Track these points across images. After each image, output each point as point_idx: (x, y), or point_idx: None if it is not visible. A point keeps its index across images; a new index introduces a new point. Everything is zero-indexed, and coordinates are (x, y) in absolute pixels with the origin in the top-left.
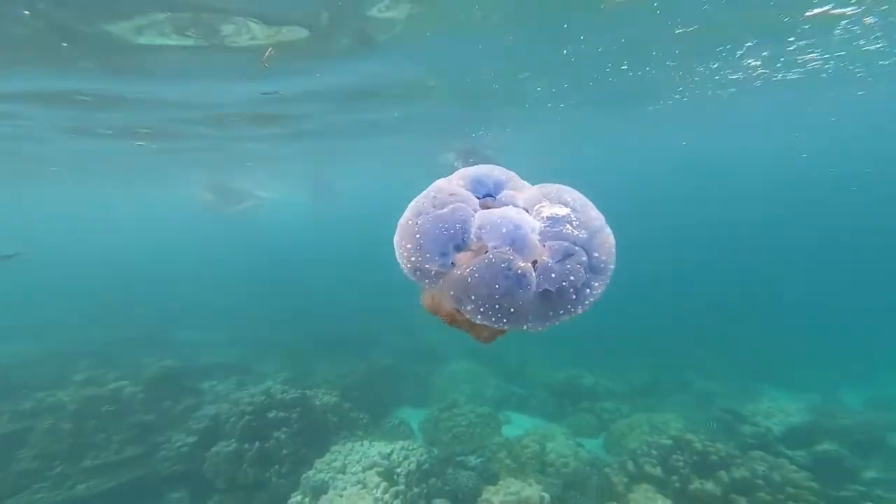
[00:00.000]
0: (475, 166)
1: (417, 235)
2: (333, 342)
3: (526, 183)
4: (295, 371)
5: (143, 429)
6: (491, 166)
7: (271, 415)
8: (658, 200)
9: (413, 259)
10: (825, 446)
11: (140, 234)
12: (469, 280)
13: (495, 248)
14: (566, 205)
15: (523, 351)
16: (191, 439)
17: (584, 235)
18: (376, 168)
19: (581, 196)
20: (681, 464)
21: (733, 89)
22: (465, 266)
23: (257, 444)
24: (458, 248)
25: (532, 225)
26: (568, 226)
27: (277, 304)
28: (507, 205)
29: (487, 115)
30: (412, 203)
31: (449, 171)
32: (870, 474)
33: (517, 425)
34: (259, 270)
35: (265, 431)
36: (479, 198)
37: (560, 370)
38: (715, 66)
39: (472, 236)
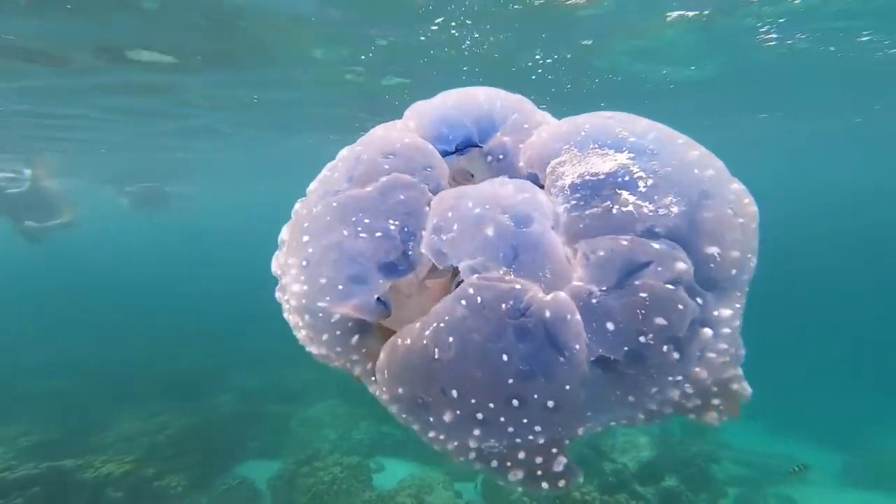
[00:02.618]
0: (441, 95)
1: (306, 239)
2: (148, 387)
3: (546, 115)
4: (60, 432)
5: None
6: (469, 90)
7: None
8: None
9: (296, 292)
10: (668, 482)
11: None
12: (436, 354)
13: (476, 269)
14: (617, 147)
15: None
16: None
17: (677, 209)
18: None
19: (651, 125)
20: None
21: None
22: (414, 324)
23: None
24: (398, 273)
25: (551, 212)
26: (624, 194)
27: (58, 341)
28: (500, 172)
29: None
30: (323, 171)
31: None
32: None
33: (391, 473)
34: (47, 295)
35: None
36: (450, 152)
37: None
38: None
39: (423, 247)
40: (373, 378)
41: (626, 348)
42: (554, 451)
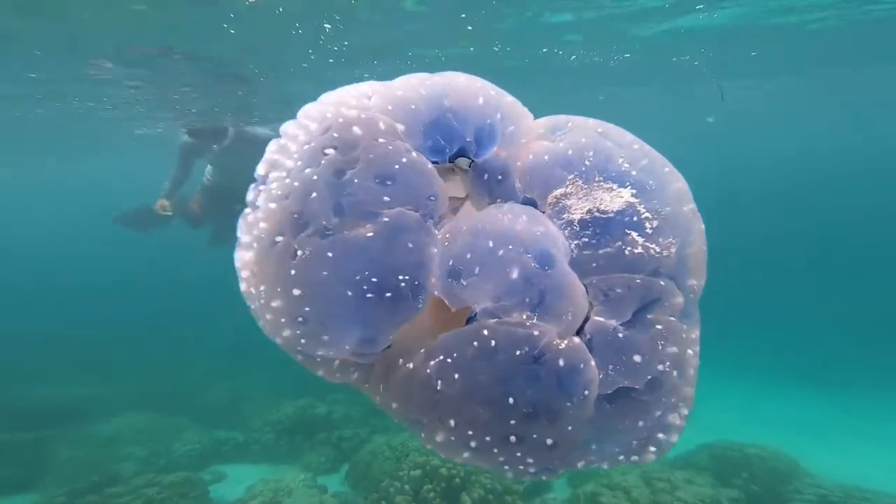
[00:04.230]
0: (431, 90)
1: (297, 293)
2: None
3: (527, 112)
4: None
5: None
6: (467, 89)
7: None
8: None
9: (288, 337)
10: None
11: None
12: (439, 386)
13: (495, 314)
14: (620, 181)
15: (234, 382)
16: None
17: (673, 251)
18: None
19: (640, 147)
20: (432, 494)
21: None
22: (419, 351)
23: None
24: (406, 321)
25: (564, 246)
26: (633, 235)
27: None
28: (504, 192)
29: None
30: (280, 173)
31: None
32: None
33: (237, 480)
34: None
35: None
36: (438, 162)
37: (288, 403)
38: None
39: (438, 291)
40: (365, 385)
41: (648, 377)
42: (543, 476)
